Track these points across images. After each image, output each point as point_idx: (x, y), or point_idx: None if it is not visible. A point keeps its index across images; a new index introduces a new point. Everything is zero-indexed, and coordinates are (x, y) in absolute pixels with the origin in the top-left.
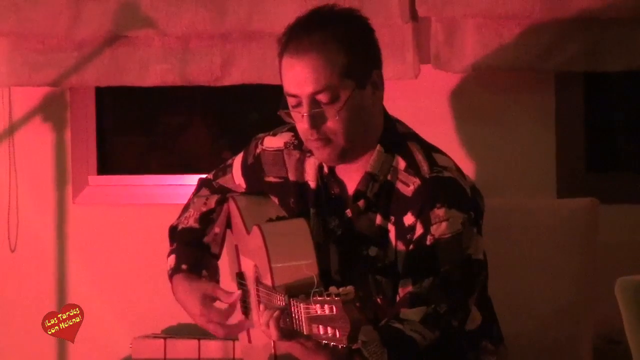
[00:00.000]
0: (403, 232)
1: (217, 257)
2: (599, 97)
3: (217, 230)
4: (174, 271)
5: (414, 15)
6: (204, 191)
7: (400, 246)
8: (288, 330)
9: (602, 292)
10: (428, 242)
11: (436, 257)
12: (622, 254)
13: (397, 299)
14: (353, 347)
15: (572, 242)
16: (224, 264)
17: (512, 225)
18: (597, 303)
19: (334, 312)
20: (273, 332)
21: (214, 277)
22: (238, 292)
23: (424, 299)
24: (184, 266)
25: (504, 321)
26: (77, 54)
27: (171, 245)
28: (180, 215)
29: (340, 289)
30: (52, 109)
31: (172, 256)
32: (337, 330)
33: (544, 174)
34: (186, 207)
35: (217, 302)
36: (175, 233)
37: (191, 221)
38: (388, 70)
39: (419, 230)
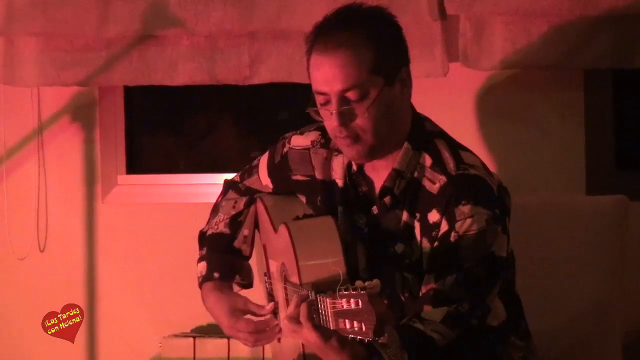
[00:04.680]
0: (428, 229)
1: (248, 258)
2: (628, 94)
3: (245, 232)
4: (205, 279)
5: (442, 13)
6: (232, 194)
7: (425, 243)
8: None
9: (631, 290)
10: (452, 239)
11: (460, 253)
12: None
13: (420, 295)
14: (379, 341)
15: (602, 240)
16: (252, 264)
17: (541, 222)
18: (627, 300)
19: (360, 306)
20: (304, 315)
21: (247, 279)
22: (271, 305)
23: (446, 296)
24: (216, 274)
25: (533, 317)
26: (106, 54)
27: (201, 250)
28: (209, 220)
29: (366, 283)
30: (80, 109)
31: (203, 263)
32: (362, 324)
33: (573, 172)
34: (214, 211)
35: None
36: (204, 238)
37: (221, 226)
38: (417, 68)
39: (444, 227)
